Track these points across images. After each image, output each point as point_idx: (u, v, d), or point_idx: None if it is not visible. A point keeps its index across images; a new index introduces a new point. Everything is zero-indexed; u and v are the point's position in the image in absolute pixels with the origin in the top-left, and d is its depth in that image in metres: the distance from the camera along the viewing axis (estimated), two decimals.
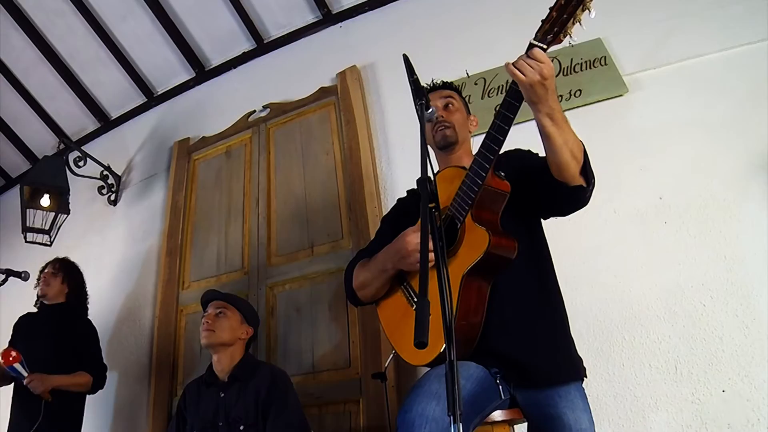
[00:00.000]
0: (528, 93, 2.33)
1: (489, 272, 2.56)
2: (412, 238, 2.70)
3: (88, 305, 5.28)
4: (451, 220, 2.63)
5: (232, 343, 3.92)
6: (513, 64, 2.34)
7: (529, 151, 3.00)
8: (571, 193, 2.54)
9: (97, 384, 4.82)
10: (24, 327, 5.08)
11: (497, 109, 2.53)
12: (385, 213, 3.68)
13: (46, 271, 5.07)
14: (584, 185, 2.53)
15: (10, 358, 4.31)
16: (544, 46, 2.29)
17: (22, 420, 4.51)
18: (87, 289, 5.31)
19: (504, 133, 2.46)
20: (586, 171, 2.53)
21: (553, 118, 2.39)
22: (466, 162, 2.70)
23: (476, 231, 2.55)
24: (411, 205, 3.28)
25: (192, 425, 3.81)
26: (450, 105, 3.18)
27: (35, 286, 5.11)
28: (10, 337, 5.08)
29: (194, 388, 4.00)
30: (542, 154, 2.64)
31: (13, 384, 4.76)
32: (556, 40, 2.29)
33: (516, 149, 3.03)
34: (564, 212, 2.79)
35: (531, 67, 2.29)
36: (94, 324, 5.16)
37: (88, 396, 4.92)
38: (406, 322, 2.83)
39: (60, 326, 4.86)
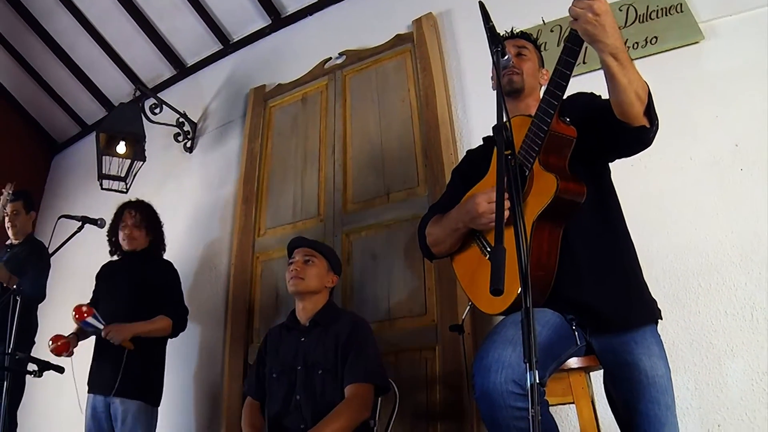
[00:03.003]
0: (585, 33, 2.38)
1: (559, 217, 2.62)
2: (482, 199, 2.77)
3: (165, 244, 5.39)
4: (519, 167, 2.63)
5: (319, 291, 3.97)
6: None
7: (591, 93, 3.04)
8: (634, 134, 2.58)
9: (178, 327, 4.90)
10: (106, 275, 5.21)
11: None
12: (460, 160, 3.75)
13: (127, 223, 5.09)
14: (647, 126, 2.56)
15: (83, 314, 4.39)
16: None
17: (104, 369, 4.60)
18: (163, 227, 5.40)
19: (566, 79, 2.53)
20: (650, 112, 2.56)
21: (617, 57, 2.41)
22: (534, 110, 2.73)
23: (544, 176, 2.60)
24: (480, 155, 3.34)
25: (271, 368, 3.89)
26: (522, 54, 3.21)
27: (111, 235, 5.22)
28: (94, 286, 5.24)
29: (276, 333, 4.08)
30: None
31: (95, 338, 4.85)
32: None
33: (579, 93, 3.06)
34: (627, 153, 2.82)
35: (581, 7, 2.34)
36: None
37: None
38: (480, 272, 2.90)
39: (140, 272, 4.96)
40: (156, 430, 4.78)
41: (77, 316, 4.40)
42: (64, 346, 4.51)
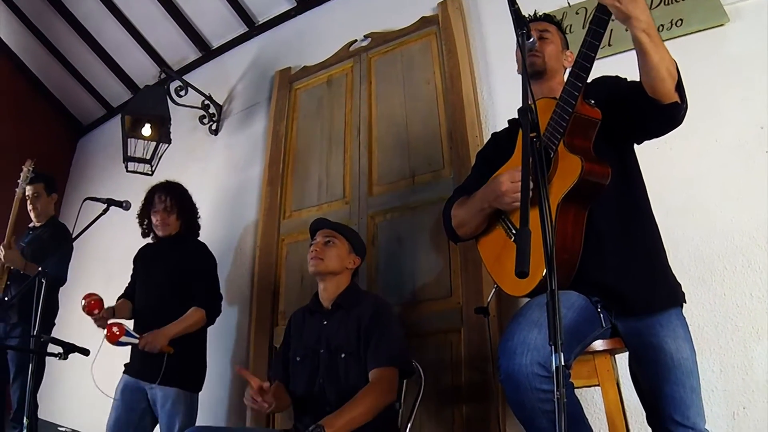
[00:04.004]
0: (618, 10, 2.38)
1: (583, 199, 2.63)
2: (506, 178, 2.80)
3: (200, 224, 5.34)
4: (544, 149, 2.63)
5: (340, 272, 3.96)
6: None
7: (617, 76, 3.04)
8: (666, 110, 2.58)
9: (212, 315, 4.89)
10: (142, 260, 5.23)
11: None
12: (485, 142, 3.76)
13: (158, 209, 5.04)
14: (679, 102, 2.56)
15: (116, 335, 4.29)
16: None
17: (143, 357, 4.54)
18: (196, 207, 5.34)
19: (591, 61, 2.53)
20: (680, 89, 2.57)
21: (650, 33, 2.42)
22: (559, 93, 2.73)
23: (569, 158, 2.61)
24: (505, 138, 3.35)
25: (295, 351, 3.91)
26: (544, 37, 3.20)
27: (142, 218, 5.18)
28: (132, 270, 5.26)
29: (300, 316, 4.09)
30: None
31: (133, 321, 4.90)
32: None
33: (603, 76, 3.06)
34: (658, 132, 2.82)
35: None
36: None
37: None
38: (506, 254, 2.92)
39: (174, 258, 4.96)
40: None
41: (110, 338, 4.31)
42: (96, 304, 4.50)
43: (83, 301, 4.50)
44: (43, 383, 5.53)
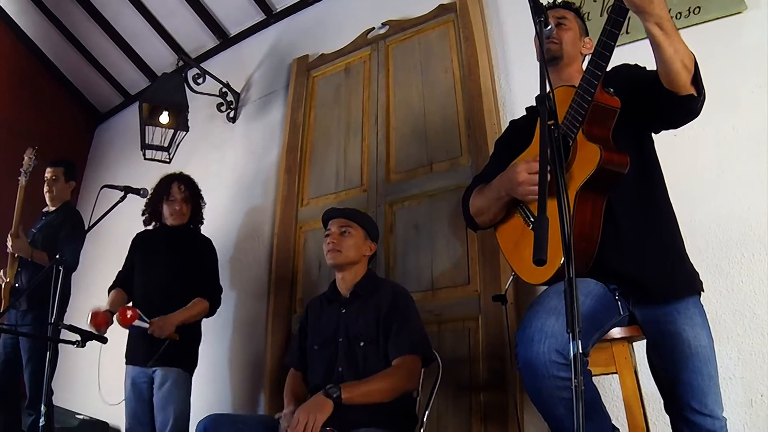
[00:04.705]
0: (631, 3, 2.38)
1: (602, 188, 2.63)
2: (523, 168, 2.77)
3: (203, 218, 5.40)
4: (563, 137, 2.62)
5: (358, 261, 3.97)
6: None
7: (636, 65, 3.02)
8: (681, 103, 2.58)
9: (214, 307, 4.97)
10: (145, 246, 5.27)
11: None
12: (503, 130, 3.76)
13: (176, 198, 5.11)
14: (695, 95, 2.56)
15: (128, 317, 4.43)
16: None
17: (144, 342, 4.65)
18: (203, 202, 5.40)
19: (610, 49, 2.53)
20: (697, 81, 2.56)
21: (663, 26, 2.42)
22: (577, 81, 2.73)
23: (588, 147, 2.60)
24: (523, 126, 3.33)
25: (312, 340, 3.91)
26: (562, 24, 3.18)
27: (152, 205, 5.22)
28: (127, 253, 5.32)
29: (317, 304, 4.10)
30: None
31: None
32: None
33: (623, 64, 3.05)
34: (675, 123, 2.81)
35: None
36: (214, 242, 5.31)
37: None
38: (524, 242, 2.91)
39: (181, 249, 5.03)
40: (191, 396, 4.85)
41: (122, 321, 4.46)
42: (103, 321, 4.57)
43: (89, 318, 4.58)
44: (63, 371, 5.56)
